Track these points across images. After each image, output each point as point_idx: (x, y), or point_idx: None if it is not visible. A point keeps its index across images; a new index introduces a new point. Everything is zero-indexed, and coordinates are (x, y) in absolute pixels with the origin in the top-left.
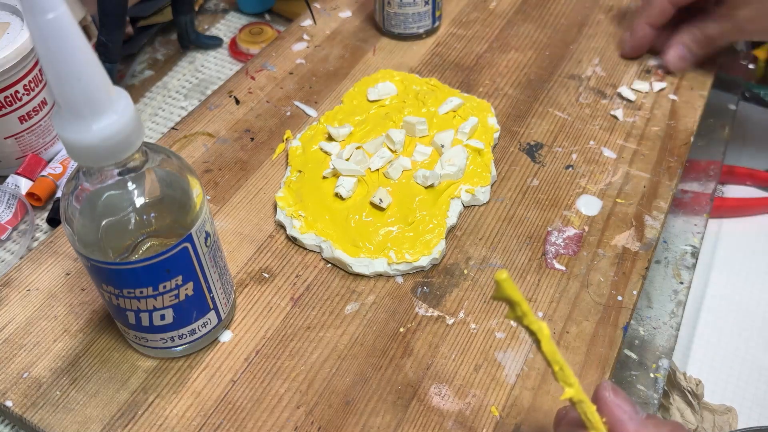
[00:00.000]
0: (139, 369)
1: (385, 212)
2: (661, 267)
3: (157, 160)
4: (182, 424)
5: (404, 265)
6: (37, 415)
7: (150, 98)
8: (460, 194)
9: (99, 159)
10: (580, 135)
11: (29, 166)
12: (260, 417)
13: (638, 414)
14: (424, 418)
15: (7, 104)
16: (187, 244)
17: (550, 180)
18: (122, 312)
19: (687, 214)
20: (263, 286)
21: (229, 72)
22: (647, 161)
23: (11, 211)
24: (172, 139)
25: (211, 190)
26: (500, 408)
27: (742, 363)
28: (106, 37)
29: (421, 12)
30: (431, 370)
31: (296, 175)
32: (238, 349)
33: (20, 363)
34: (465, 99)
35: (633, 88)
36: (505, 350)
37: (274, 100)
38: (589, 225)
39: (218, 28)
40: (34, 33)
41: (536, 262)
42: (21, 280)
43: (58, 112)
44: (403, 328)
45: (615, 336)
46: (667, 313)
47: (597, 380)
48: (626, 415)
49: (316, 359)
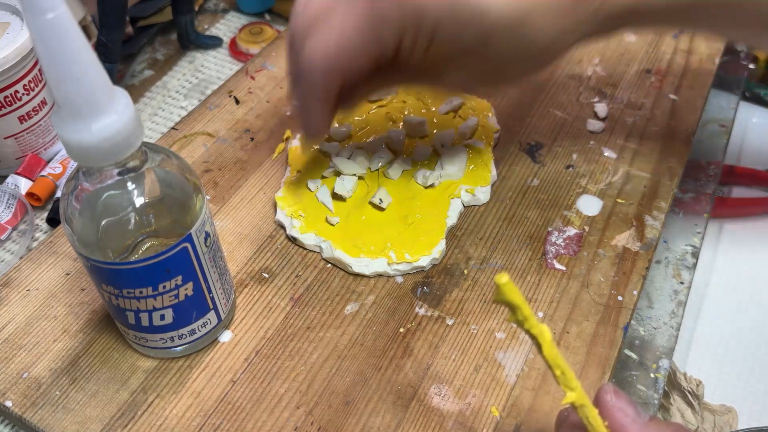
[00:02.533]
0: (138, 369)
1: (385, 212)
2: (661, 267)
3: (156, 160)
4: (182, 424)
5: (404, 265)
6: (36, 415)
7: (150, 98)
8: (460, 194)
9: (99, 159)
10: (580, 135)
11: (29, 166)
12: (260, 417)
13: (641, 417)
14: (424, 418)
15: (7, 104)
16: (187, 244)
17: (550, 180)
18: (122, 312)
19: (687, 214)
20: (263, 286)
21: (229, 72)
22: (647, 161)
23: (11, 211)
24: (172, 139)
25: (211, 190)
26: (500, 408)
27: (742, 363)
28: (106, 37)
29: None
30: (431, 370)
31: (296, 175)
32: (238, 349)
33: (20, 363)
34: (465, 99)
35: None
36: (506, 350)
37: (274, 100)
38: (589, 225)
39: (218, 28)
40: (33, 33)
41: (536, 262)
42: (21, 280)
43: (57, 112)
44: (403, 328)
45: (615, 336)
46: (668, 313)
47: (597, 380)
48: (629, 419)
49: (316, 359)
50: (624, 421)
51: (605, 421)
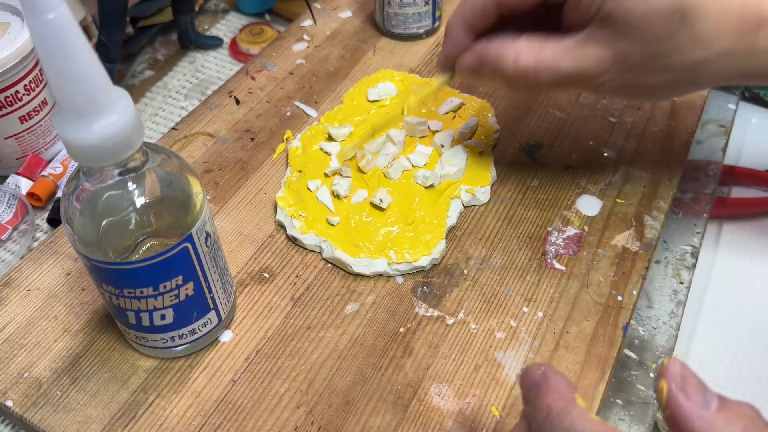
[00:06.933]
0: (139, 369)
1: (385, 212)
2: (661, 267)
3: (157, 160)
4: (182, 423)
5: (404, 265)
6: (37, 414)
7: (150, 98)
8: (460, 194)
9: (99, 159)
10: (580, 135)
11: (29, 166)
12: (260, 417)
13: (708, 406)
14: (424, 418)
15: (8, 104)
16: (188, 244)
17: (550, 180)
18: (122, 312)
19: (687, 214)
20: (263, 286)
21: (230, 72)
22: (647, 161)
23: (11, 211)
24: (173, 139)
25: (211, 190)
26: (500, 408)
27: (742, 363)
28: (106, 37)
29: (421, 12)
30: (431, 370)
31: (296, 175)
32: (238, 349)
33: (21, 363)
34: (465, 99)
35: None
36: (505, 350)
37: (274, 100)
38: (589, 225)
39: (218, 28)
40: (34, 33)
41: (536, 262)
42: (21, 280)
43: (58, 112)
44: (403, 328)
45: (615, 336)
46: (667, 313)
47: (597, 380)
48: (695, 409)
49: (317, 359)
50: (690, 412)
51: (667, 411)
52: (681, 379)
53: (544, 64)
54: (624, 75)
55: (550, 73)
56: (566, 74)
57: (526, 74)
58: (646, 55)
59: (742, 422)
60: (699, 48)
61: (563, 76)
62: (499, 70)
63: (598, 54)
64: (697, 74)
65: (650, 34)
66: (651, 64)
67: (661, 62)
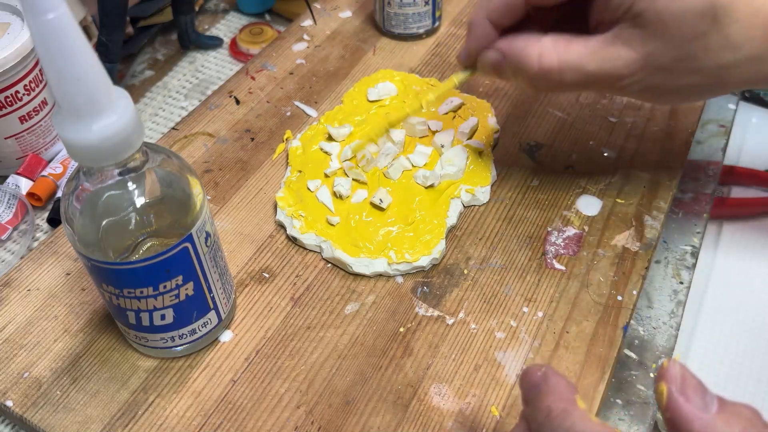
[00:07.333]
0: (139, 369)
1: (385, 212)
2: (661, 267)
3: (157, 160)
4: (182, 423)
5: (404, 265)
6: (37, 414)
7: (150, 98)
8: (460, 194)
9: (99, 159)
10: (580, 135)
11: (29, 166)
12: (260, 417)
13: (708, 408)
14: (424, 418)
15: (8, 104)
16: (188, 244)
17: (550, 180)
18: (122, 312)
19: (687, 214)
20: (263, 286)
21: (230, 72)
22: (647, 161)
23: (11, 211)
24: (173, 139)
25: (211, 190)
26: (500, 408)
27: (742, 363)
28: (106, 37)
29: (421, 12)
30: (431, 370)
31: (296, 175)
32: (238, 349)
33: (21, 363)
34: (465, 99)
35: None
36: (505, 350)
37: (274, 100)
38: (589, 225)
39: (218, 28)
40: (34, 33)
41: (536, 262)
42: (21, 280)
43: (58, 112)
44: (403, 328)
45: (615, 336)
46: (667, 313)
47: (597, 380)
48: (694, 410)
49: (317, 359)
50: (690, 415)
51: (668, 413)
52: (681, 381)
53: (569, 64)
54: (652, 77)
55: (575, 74)
56: (591, 75)
57: (550, 74)
58: (675, 56)
59: (741, 424)
60: (728, 51)
61: (588, 77)
62: (522, 68)
63: (626, 54)
64: (724, 77)
65: (681, 35)
66: (680, 66)
67: (690, 64)
